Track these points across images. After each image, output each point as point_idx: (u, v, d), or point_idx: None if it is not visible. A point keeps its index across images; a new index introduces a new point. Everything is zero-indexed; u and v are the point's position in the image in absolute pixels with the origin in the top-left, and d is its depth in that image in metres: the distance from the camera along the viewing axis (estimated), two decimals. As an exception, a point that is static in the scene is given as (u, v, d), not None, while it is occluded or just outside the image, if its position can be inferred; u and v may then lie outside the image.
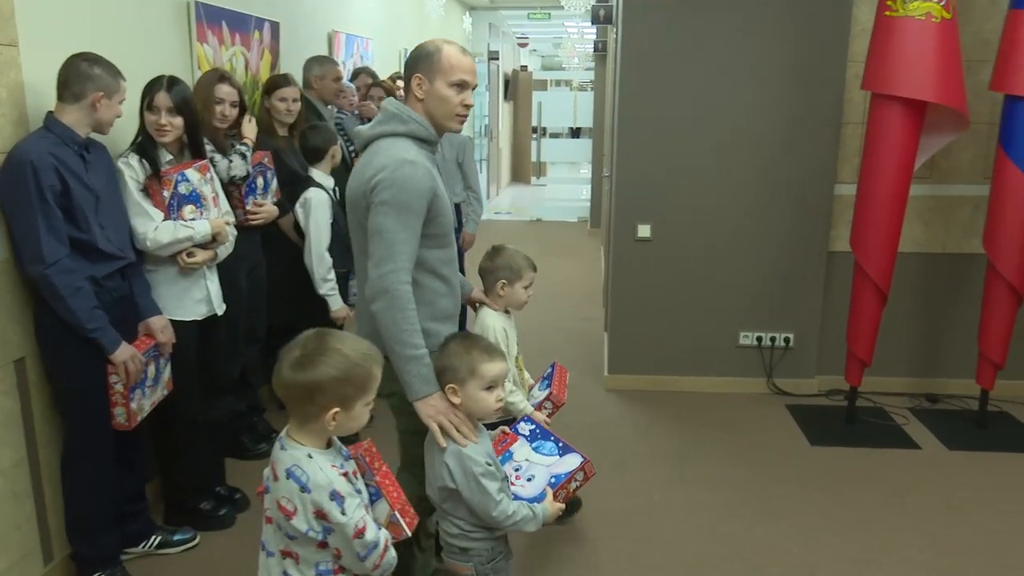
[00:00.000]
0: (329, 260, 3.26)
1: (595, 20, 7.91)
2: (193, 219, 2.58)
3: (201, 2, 3.21)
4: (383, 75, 5.18)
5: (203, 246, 2.63)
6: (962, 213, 3.98)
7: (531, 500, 2.00)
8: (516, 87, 13.87)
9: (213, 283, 2.75)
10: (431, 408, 1.89)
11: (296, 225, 3.33)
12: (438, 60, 1.99)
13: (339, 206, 3.48)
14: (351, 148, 4.07)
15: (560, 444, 2.17)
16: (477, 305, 2.57)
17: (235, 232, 2.81)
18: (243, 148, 2.97)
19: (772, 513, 3.00)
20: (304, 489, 1.50)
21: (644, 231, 4.06)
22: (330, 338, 1.56)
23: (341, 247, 3.41)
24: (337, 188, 3.48)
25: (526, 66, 15.67)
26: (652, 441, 3.64)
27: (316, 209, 3.24)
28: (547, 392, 2.62)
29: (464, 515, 1.92)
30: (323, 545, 1.55)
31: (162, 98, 2.51)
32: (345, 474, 1.57)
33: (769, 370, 4.17)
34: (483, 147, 11.12)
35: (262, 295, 3.28)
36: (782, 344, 4.13)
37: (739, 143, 3.93)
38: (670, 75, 3.88)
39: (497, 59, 11.76)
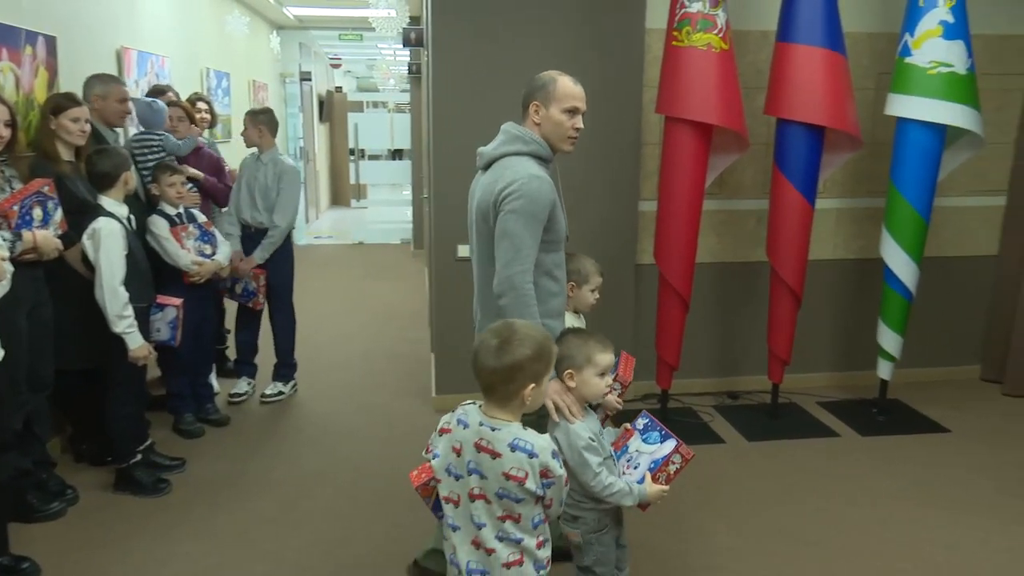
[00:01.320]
0: (124, 295, 3.01)
1: (407, 43, 7.95)
2: (-42, 256, 2.29)
3: (-41, 13, 2.87)
4: (182, 95, 4.87)
5: (-27, 285, 2.34)
6: (748, 225, 4.38)
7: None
8: (331, 108, 13.60)
9: (-13, 326, 2.45)
10: (548, 389, 2.06)
11: (85, 258, 3.05)
12: (553, 89, 2.31)
13: (135, 235, 3.23)
14: (147, 175, 3.79)
15: (663, 432, 2.31)
16: None
17: (11, 268, 2.51)
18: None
19: (597, 518, 3.12)
20: (531, 455, 1.74)
21: (464, 251, 4.10)
22: (516, 324, 1.82)
23: (140, 280, 3.15)
24: (132, 217, 3.22)
25: (341, 87, 15.42)
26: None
27: (107, 240, 2.98)
28: (614, 375, 2.63)
29: (575, 486, 2.12)
30: (538, 500, 1.79)
31: None
32: None
33: (589, 380, 4.35)
34: (300, 170, 10.75)
35: (47, 337, 2.96)
36: (599, 354, 4.32)
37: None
38: (480, 98, 3.97)
39: (310, 80, 11.48)
